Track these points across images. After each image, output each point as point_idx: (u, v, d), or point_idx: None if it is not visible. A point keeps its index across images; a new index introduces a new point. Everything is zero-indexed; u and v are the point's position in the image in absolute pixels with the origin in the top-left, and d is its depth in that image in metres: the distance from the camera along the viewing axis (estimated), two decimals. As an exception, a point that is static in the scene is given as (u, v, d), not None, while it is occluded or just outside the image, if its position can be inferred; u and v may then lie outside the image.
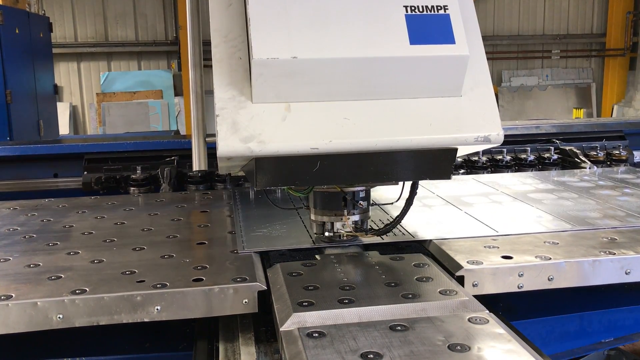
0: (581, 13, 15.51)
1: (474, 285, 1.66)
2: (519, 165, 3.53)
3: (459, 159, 3.44)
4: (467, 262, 1.71)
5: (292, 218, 2.22)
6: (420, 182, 1.87)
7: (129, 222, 2.27)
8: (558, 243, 1.89)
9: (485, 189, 2.75)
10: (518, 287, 1.69)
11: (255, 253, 1.84)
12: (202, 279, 1.58)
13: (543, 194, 2.61)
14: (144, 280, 1.59)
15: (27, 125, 7.21)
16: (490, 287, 1.67)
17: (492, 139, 1.61)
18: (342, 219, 1.84)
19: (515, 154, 3.58)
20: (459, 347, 1.25)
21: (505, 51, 15.13)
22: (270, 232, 2.07)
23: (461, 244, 1.89)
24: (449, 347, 1.25)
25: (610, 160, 3.60)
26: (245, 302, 1.54)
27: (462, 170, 3.43)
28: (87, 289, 1.53)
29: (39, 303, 1.48)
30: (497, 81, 15.20)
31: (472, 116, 1.61)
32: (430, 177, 1.72)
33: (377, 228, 1.97)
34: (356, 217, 1.86)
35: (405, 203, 1.86)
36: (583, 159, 3.47)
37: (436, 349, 1.25)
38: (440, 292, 1.52)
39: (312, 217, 1.90)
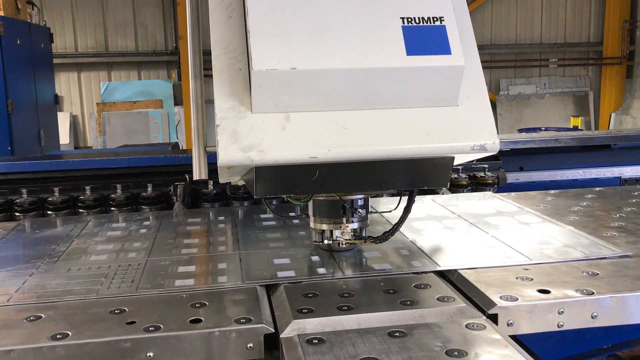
0: (578, 22, 15.58)
1: (508, 325, 1.48)
2: None
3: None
4: (500, 297, 1.52)
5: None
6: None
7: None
8: (598, 274, 1.69)
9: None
10: (558, 325, 1.50)
11: (260, 286, 1.67)
12: (201, 320, 1.44)
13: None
14: (134, 322, 1.44)
15: (27, 135, 7.24)
16: (527, 327, 1.49)
17: (488, 147, 1.64)
18: (341, 227, 1.86)
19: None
20: (456, 353, 1.26)
21: (503, 60, 15.18)
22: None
23: (490, 275, 1.69)
24: (446, 352, 1.27)
25: None
26: (250, 347, 1.40)
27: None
28: (70, 333, 1.38)
29: (12, 352, 1.32)
30: (495, 89, 15.25)
31: (468, 125, 1.63)
32: (428, 185, 1.74)
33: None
34: (355, 225, 1.88)
35: (404, 211, 1.88)
36: None
37: (434, 354, 1.26)
38: (437, 299, 1.53)
39: (312, 225, 1.92)
